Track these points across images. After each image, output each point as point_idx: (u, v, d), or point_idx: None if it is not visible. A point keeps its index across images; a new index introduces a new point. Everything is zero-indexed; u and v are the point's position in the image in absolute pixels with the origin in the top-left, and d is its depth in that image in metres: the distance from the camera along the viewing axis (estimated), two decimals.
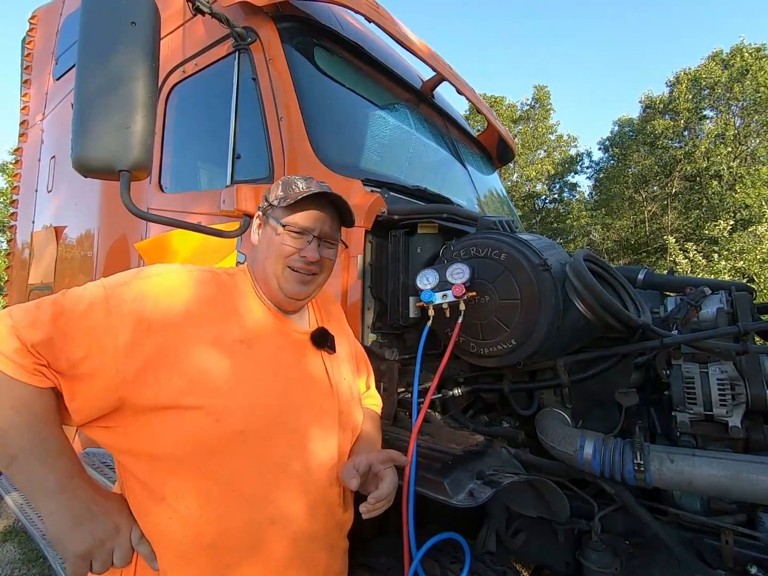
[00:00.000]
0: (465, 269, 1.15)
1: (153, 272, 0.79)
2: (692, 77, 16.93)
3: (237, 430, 0.73)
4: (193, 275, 0.82)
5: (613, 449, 1.10)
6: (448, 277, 1.16)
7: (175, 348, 0.72)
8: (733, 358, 1.14)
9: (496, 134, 2.83)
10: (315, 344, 0.92)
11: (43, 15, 3.47)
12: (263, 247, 0.90)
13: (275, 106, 1.51)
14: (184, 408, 0.71)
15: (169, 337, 0.72)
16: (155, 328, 0.72)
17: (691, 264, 10.04)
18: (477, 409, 1.60)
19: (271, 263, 0.87)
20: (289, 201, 0.86)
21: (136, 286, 0.74)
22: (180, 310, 0.75)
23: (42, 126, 3.19)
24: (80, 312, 0.70)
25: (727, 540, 1.09)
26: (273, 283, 0.87)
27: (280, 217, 0.88)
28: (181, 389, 0.71)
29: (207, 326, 0.77)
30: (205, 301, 0.79)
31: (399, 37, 1.80)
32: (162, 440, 0.72)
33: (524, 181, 21.84)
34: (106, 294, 0.72)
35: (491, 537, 1.35)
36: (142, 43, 1.10)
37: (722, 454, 1.03)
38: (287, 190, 0.90)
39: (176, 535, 0.73)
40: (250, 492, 0.75)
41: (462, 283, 1.13)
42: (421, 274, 1.21)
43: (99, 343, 0.69)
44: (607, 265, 1.37)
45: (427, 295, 1.18)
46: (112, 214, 2.26)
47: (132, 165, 1.08)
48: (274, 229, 0.88)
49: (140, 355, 0.70)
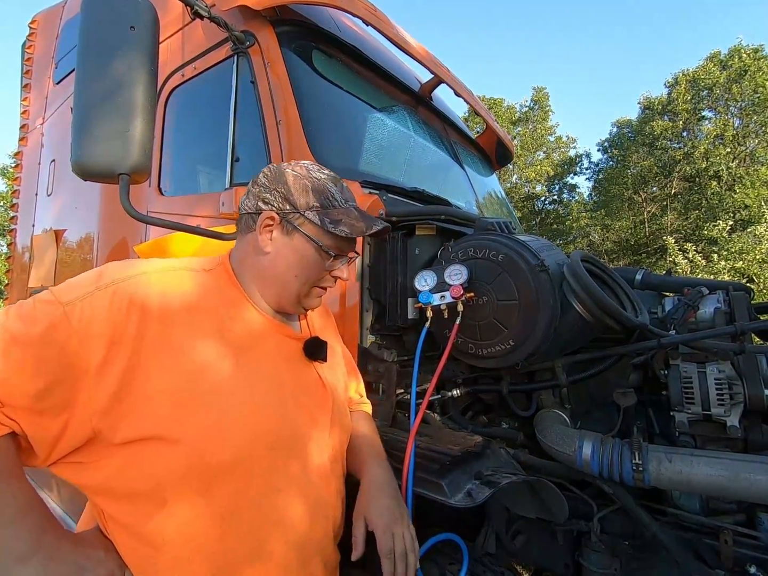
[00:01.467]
0: (463, 270, 1.16)
1: (117, 277, 0.66)
2: (691, 78, 16.98)
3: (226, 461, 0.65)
4: (166, 278, 0.70)
5: (612, 449, 1.11)
6: (446, 278, 1.16)
7: (153, 369, 0.63)
8: (731, 357, 1.14)
9: (495, 136, 2.84)
10: (308, 356, 0.85)
11: (43, 20, 3.49)
12: (287, 262, 0.79)
13: (274, 109, 1.52)
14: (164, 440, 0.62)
15: (145, 357, 0.62)
16: (128, 347, 0.62)
17: (690, 264, 10.05)
18: (476, 411, 1.60)
19: (299, 284, 0.80)
20: (347, 233, 0.77)
21: (99, 297, 0.63)
22: (155, 323, 0.64)
23: (42, 130, 3.20)
24: (35, 336, 0.59)
25: (726, 540, 1.09)
26: (291, 300, 0.81)
27: (321, 240, 0.78)
28: (161, 417, 0.62)
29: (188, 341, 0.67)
30: (185, 308, 0.68)
31: (397, 39, 1.81)
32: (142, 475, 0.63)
33: (523, 182, 21.88)
34: (64, 311, 0.60)
35: (491, 539, 1.35)
36: (141, 48, 1.10)
37: (721, 454, 1.03)
38: (323, 200, 0.79)
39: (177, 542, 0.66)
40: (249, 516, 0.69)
41: (460, 284, 1.14)
42: (420, 275, 1.21)
43: (64, 370, 0.59)
44: (605, 265, 1.38)
45: (425, 296, 1.18)
46: (112, 218, 2.27)
47: (131, 168, 1.09)
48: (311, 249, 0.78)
49: (113, 380, 0.60)
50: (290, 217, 0.78)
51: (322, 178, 0.81)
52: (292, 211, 0.78)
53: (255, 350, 0.75)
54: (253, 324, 0.78)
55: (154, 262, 0.73)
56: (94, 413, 0.60)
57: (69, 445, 0.62)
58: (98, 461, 0.63)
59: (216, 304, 0.74)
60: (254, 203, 0.81)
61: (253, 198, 0.81)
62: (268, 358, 0.77)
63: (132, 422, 0.61)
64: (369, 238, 1.34)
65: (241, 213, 0.84)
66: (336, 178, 0.84)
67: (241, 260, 0.83)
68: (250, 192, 0.83)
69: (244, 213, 0.82)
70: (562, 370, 1.27)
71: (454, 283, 1.14)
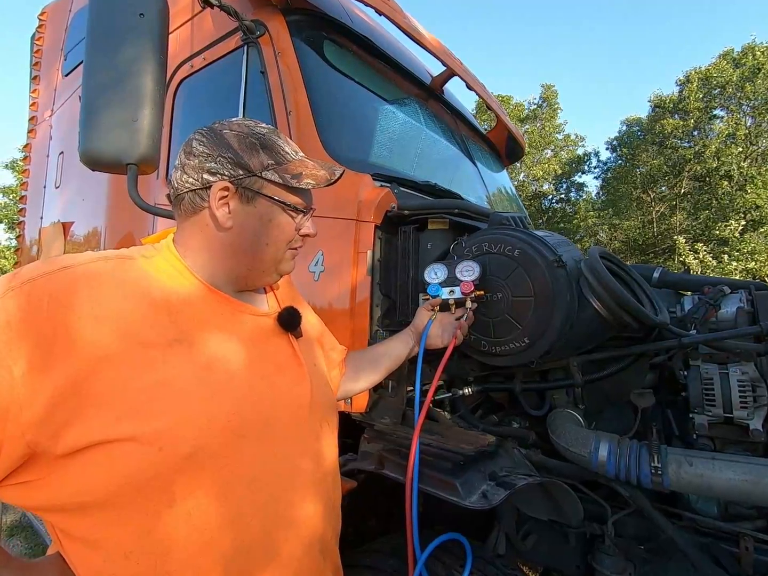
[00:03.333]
0: (475, 267, 1.12)
1: (34, 275, 0.57)
2: (703, 76, 16.71)
3: (184, 455, 0.58)
4: (95, 268, 0.62)
5: (629, 451, 1.08)
6: (458, 273, 1.13)
7: (92, 368, 0.55)
8: (754, 359, 1.10)
9: (506, 131, 2.79)
10: (284, 327, 0.78)
11: (52, 11, 3.48)
12: (254, 231, 0.72)
13: (284, 99, 1.49)
14: (114, 441, 0.55)
15: (82, 356, 0.55)
16: (61, 346, 0.54)
17: (701, 265, 9.92)
18: (486, 409, 1.57)
19: (273, 250, 0.74)
20: (313, 184, 0.72)
21: (12, 298, 0.54)
22: (91, 317, 0.57)
23: (51, 122, 3.20)
24: None
25: (746, 546, 1.06)
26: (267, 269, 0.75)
27: (286, 198, 0.72)
28: (107, 419, 0.55)
29: (129, 332, 0.59)
30: (122, 297, 0.61)
31: (409, 30, 1.78)
32: (95, 484, 0.56)
33: (531, 180, 21.72)
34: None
35: (501, 539, 1.32)
36: (150, 37, 1.09)
37: (743, 458, 1.00)
38: (276, 155, 0.72)
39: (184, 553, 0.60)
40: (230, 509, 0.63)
41: (471, 281, 1.11)
42: (430, 267, 1.18)
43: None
44: (623, 263, 1.34)
45: (433, 288, 1.14)
46: (119, 210, 2.26)
47: (139, 159, 1.08)
48: (278, 211, 0.72)
49: (47, 384, 0.52)
50: (247, 182, 0.70)
51: (265, 132, 0.73)
52: (247, 175, 0.69)
53: (213, 334, 0.68)
54: (210, 308, 0.71)
55: (81, 255, 0.64)
56: (28, 427, 0.52)
57: (6, 466, 0.54)
58: (44, 477, 0.56)
59: (161, 291, 0.66)
60: (197, 177, 0.70)
61: (194, 171, 0.70)
62: (230, 340, 0.70)
63: (74, 429, 0.54)
64: (381, 232, 1.31)
65: (178, 192, 0.72)
66: (277, 131, 0.77)
67: (190, 245, 0.73)
68: (186, 165, 0.71)
69: (185, 191, 0.71)
70: (578, 368, 1.24)
71: (465, 279, 1.11)
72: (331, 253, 1.32)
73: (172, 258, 0.71)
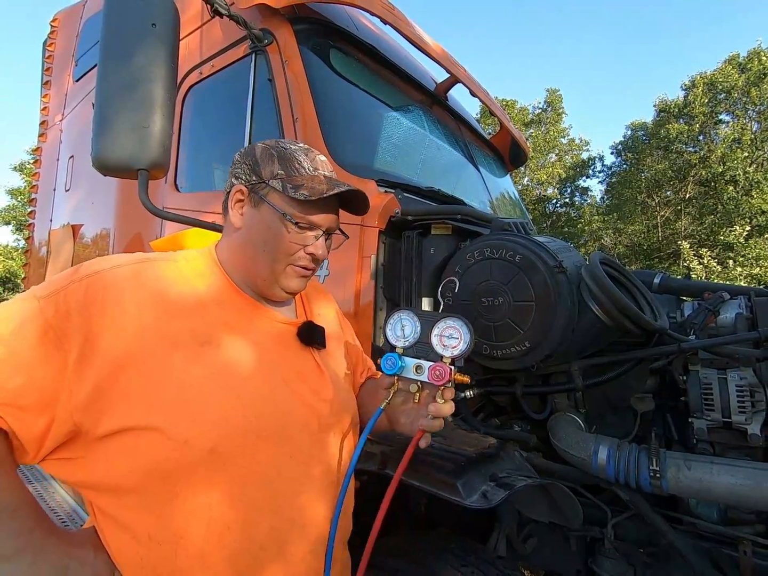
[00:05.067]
0: (463, 331, 0.72)
1: (91, 269, 0.65)
2: (708, 81, 16.72)
3: (206, 449, 0.62)
4: (141, 268, 0.68)
5: (629, 455, 1.09)
6: (434, 338, 0.74)
7: (130, 361, 0.61)
8: (753, 364, 1.12)
9: (509, 137, 2.82)
10: (302, 341, 0.80)
11: (63, 18, 3.55)
12: (257, 237, 0.75)
13: (291, 107, 1.52)
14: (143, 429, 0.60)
15: (123, 350, 0.61)
16: (104, 339, 0.60)
17: (705, 270, 9.88)
18: (488, 412, 1.59)
19: (270, 260, 0.74)
20: (306, 195, 0.71)
21: (74, 290, 0.62)
22: (133, 314, 0.63)
23: (61, 126, 3.26)
24: (8, 333, 0.57)
25: (745, 551, 1.06)
26: (268, 279, 0.76)
27: (285, 208, 0.73)
28: (139, 408, 0.60)
29: (166, 331, 0.65)
30: (160, 298, 0.67)
31: (414, 38, 1.81)
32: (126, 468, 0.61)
33: (535, 184, 21.74)
34: (40, 306, 0.59)
35: (502, 541, 1.34)
36: (162, 45, 1.12)
37: (742, 462, 1.01)
38: (288, 168, 0.74)
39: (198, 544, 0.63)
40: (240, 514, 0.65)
41: (452, 357, 0.72)
42: (396, 317, 0.78)
43: (41, 366, 0.57)
44: (623, 268, 1.36)
45: (390, 363, 0.75)
46: (127, 213, 2.30)
47: (150, 164, 1.10)
48: (276, 219, 0.73)
49: (91, 374, 0.59)
50: (257, 188, 0.74)
51: (291, 148, 0.77)
52: (258, 181, 0.74)
53: (239, 336, 0.72)
54: (237, 310, 0.74)
55: (130, 255, 0.70)
56: (75, 409, 0.59)
57: (54, 441, 0.60)
58: (84, 457, 0.62)
59: (194, 291, 0.71)
60: (229, 181, 0.79)
61: (229, 176, 0.79)
62: (255, 343, 0.73)
63: (112, 415, 0.60)
64: (384, 236, 1.33)
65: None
66: (309, 149, 0.79)
67: (221, 245, 0.80)
68: (229, 172, 0.80)
69: (225, 194, 0.80)
70: (578, 373, 1.25)
71: (445, 354, 0.72)
72: (335, 257, 1.35)
73: (209, 260, 0.77)
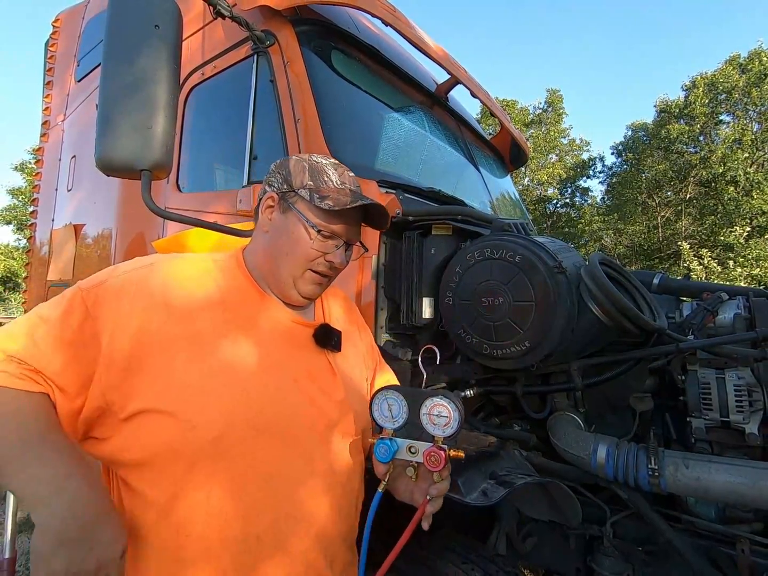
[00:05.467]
0: (452, 408, 0.70)
1: (129, 267, 0.75)
2: (709, 81, 16.71)
3: (211, 437, 0.66)
4: (172, 265, 0.76)
5: (628, 454, 1.10)
6: (423, 417, 0.72)
7: (156, 348, 0.67)
8: (751, 364, 1.12)
9: (510, 137, 2.82)
10: (318, 343, 0.83)
11: (65, 19, 3.56)
12: (281, 241, 0.80)
13: (292, 107, 1.53)
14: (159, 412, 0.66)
15: (149, 337, 0.67)
16: (135, 327, 0.67)
17: (705, 270, 9.88)
18: (488, 412, 1.59)
19: (292, 263, 0.79)
20: (330, 205, 0.76)
21: (111, 284, 0.70)
22: (159, 306, 0.70)
23: (63, 126, 3.27)
24: (56, 318, 0.67)
25: (743, 549, 1.07)
26: (287, 281, 0.80)
27: (309, 216, 0.78)
28: (157, 392, 0.66)
29: (189, 322, 0.71)
30: (186, 293, 0.73)
31: (415, 40, 1.82)
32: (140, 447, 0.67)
33: (535, 185, 21.73)
34: (82, 296, 0.68)
35: (501, 540, 1.35)
36: (165, 46, 1.12)
37: (739, 461, 1.02)
38: (317, 179, 0.80)
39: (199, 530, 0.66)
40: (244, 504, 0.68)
41: (445, 438, 0.70)
42: (380, 396, 0.75)
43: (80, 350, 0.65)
44: (623, 268, 1.37)
45: (383, 450, 0.72)
46: (130, 213, 2.31)
47: (153, 165, 1.11)
48: (301, 226, 0.79)
49: (122, 357, 0.66)
50: (287, 195, 0.81)
51: (322, 162, 0.83)
52: (288, 189, 0.81)
53: (256, 334, 0.76)
54: (255, 309, 0.79)
55: (164, 255, 0.78)
56: (108, 387, 0.66)
57: (87, 415, 0.67)
58: (111, 437, 0.68)
59: (219, 290, 0.77)
60: (262, 189, 0.85)
61: (264, 185, 0.85)
62: (269, 341, 0.77)
63: (136, 397, 0.66)
64: (385, 237, 1.34)
65: None
66: (338, 165, 0.85)
67: (250, 247, 0.86)
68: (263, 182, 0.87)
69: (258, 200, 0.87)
70: (578, 372, 1.26)
71: (436, 433, 0.70)
72: None
73: (235, 262, 0.83)
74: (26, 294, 3.84)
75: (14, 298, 21.49)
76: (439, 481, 0.72)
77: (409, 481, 0.77)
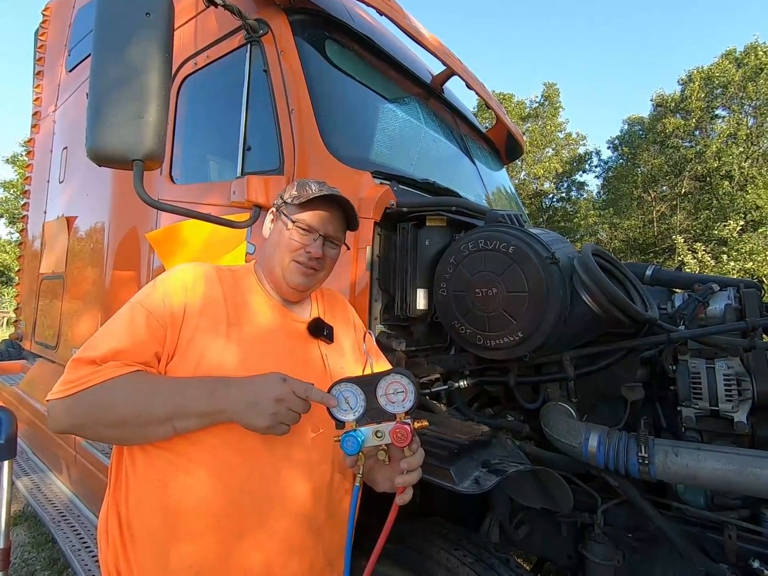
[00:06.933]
0: (405, 383, 0.73)
1: (171, 273, 0.92)
2: (705, 76, 16.70)
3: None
4: (200, 270, 0.93)
5: (618, 442, 1.11)
6: (381, 399, 0.74)
7: (188, 336, 0.84)
8: (740, 354, 1.14)
9: (505, 130, 2.82)
10: (310, 333, 0.97)
11: (56, 7, 3.50)
12: (273, 240, 0.98)
13: (286, 98, 1.52)
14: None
15: (185, 328, 0.84)
16: (178, 320, 0.84)
17: (699, 264, 9.95)
18: (482, 402, 1.61)
19: (279, 255, 0.95)
20: (302, 200, 0.94)
21: (160, 289, 0.87)
22: (193, 302, 0.87)
23: (54, 117, 3.23)
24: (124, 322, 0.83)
25: (730, 535, 1.09)
26: (278, 273, 0.95)
27: (291, 214, 0.95)
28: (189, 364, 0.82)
29: (216, 312, 0.87)
30: (210, 292, 0.90)
31: (410, 30, 1.80)
32: None
33: (531, 179, 21.70)
34: (141, 304, 0.85)
35: (494, 528, 1.36)
36: (156, 34, 1.11)
37: (727, 449, 1.03)
38: (301, 190, 0.97)
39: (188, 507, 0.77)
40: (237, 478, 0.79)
41: (404, 412, 0.73)
42: (334, 390, 0.75)
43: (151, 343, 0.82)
44: (615, 259, 1.38)
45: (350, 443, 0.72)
46: (123, 205, 2.29)
47: (145, 155, 1.10)
48: (285, 224, 0.96)
49: (172, 345, 0.84)
50: (280, 207, 0.99)
51: (309, 179, 1.00)
52: (281, 202, 0.99)
53: (259, 327, 0.92)
54: (260, 306, 0.95)
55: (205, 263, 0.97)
56: (169, 355, 0.84)
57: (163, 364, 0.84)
58: None
59: (232, 291, 0.93)
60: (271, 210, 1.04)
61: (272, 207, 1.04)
62: (270, 333, 0.92)
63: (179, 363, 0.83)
64: (380, 228, 1.34)
65: None
66: (324, 183, 1.00)
67: (260, 253, 1.04)
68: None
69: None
70: (570, 363, 1.28)
71: (397, 411, 0.73)
72: None
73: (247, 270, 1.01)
74: (19, 287, 3.81)
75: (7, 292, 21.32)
76: (411, 455, 0.75)
77: (385, 470, 0.80)
